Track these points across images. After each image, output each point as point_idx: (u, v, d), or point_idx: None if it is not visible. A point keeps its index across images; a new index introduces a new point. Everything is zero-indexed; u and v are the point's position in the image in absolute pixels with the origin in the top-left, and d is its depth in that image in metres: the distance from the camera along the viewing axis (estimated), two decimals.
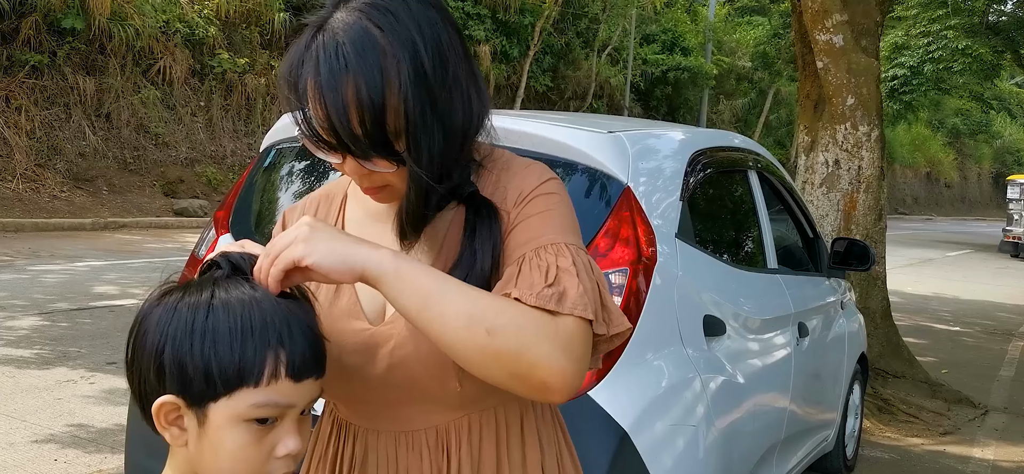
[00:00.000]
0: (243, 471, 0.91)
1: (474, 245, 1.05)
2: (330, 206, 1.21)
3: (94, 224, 11.24)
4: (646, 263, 2.15)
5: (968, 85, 20.68)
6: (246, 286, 0.93)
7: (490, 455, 1.10)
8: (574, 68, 21.59)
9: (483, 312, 0.95)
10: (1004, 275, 15.98)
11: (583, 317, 0.98)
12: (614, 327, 1.03)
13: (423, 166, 1.01)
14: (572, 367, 0.96)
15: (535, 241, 1.03)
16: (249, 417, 0.90)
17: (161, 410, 0.91)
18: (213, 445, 0.90)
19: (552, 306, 0.96)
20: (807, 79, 5.98)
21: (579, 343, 0.97)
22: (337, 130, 0.98)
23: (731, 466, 2.51)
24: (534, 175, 1.09)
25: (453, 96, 1.03)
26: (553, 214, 1.06)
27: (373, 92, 0.97)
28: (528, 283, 0.99)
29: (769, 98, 26.18)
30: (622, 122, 2.75)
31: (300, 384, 0.92)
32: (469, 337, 0.95)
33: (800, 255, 3.73)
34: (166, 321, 0.90)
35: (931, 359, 7.10)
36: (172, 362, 0.89)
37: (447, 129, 1.02)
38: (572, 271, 1.00)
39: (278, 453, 0.92)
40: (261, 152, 2.75)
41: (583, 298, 0.98)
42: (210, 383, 0.88)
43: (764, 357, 2.86)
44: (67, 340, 5.42)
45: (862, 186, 5.62)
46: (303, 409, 0.96)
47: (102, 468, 3.55)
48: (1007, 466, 4.64)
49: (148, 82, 13.33)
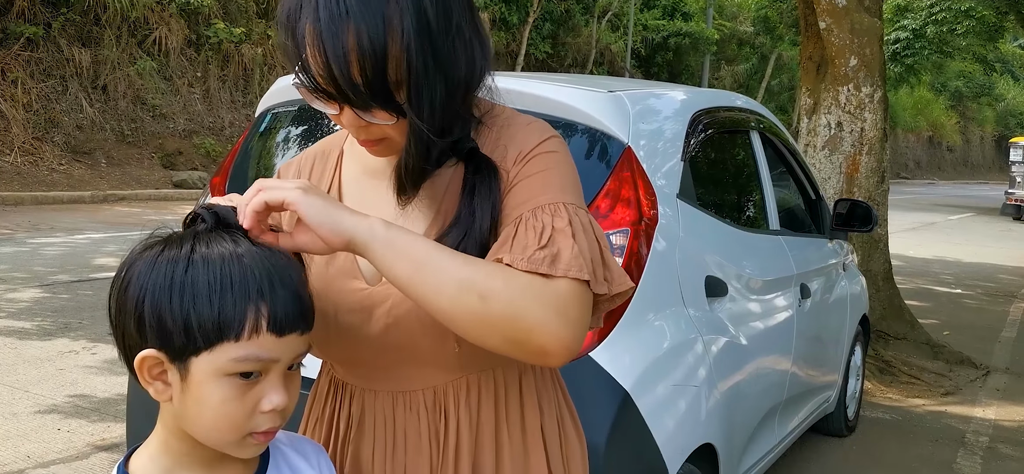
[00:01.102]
0: (227, 426, 0.90)
1: (473, 204, 1.03)
2: (326, 163, 1.18)
3: (93, 197, 11.22)
4: (647, 223, 2.13)
5: (971, 47, 20.48)
6: (227, 241, 0.91)
7: (488, 417, 1.08)
8: (574, 35, 21.42)
9: (474, 279, 0.93)
10: (1006, 238, 15.96)
11: (578, 278, 0.96)
12: (615, 286, 1.01)
13: (424, 118, 0.98)
14: (568, 330, 0.94)
15: (532, 201, 1.01)
16: (231, 371, 0.88)
17: (144, 364, 0.90)
18: (196, 399, 0.89)
19: (545, 269, 0.95)
20: (809, 40, 5.92)
21: (575, 305, 0.95)
22: (336, 79, 0.95)
23: (733, 427, 2.51)
24: (535, 133, 1.07)
25: (456, 46, 0.99)
26: (552, 173, 1.03)
27: (375, 40, 0.93)
28: (522, 246, 0.97)
29: (771, 63, 26.00)
30: (623, 82, 2.72)
31: (283, 338, 0.90)
32: (462, 304, 0.93)
33: (802, 216, 3.71)
34: (146, 275, 0.89)
35: (933, 321, 7.10)
36: (152, 316, 0.88)
37: (449, 80, 0.99)
38: (567, 231, 0.97)
39: (263, 408, 0.91)
40: (256, 117, 2.72)
41: (578, 259, 0.96)
42: (190, 337, 0.87)
43: (766, 318, 2.85)
44: (68, 312, 5.43)
45: (865, 148, 5.58)
46: (290, 364, 0.94)
47: (105, 437, 3.56)
48: (1009, 425, 4.65)
49: (144, 53, 13.24)
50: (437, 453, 1.08)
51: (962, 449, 4.20)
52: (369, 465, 1.12)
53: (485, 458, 1.08)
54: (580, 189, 1.06)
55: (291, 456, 1.03)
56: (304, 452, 1.05)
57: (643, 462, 2.04)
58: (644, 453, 2.04)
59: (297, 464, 1.03)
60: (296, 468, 1.02)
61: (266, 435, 0.93)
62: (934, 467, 3.94)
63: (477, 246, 1.01)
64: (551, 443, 1.13)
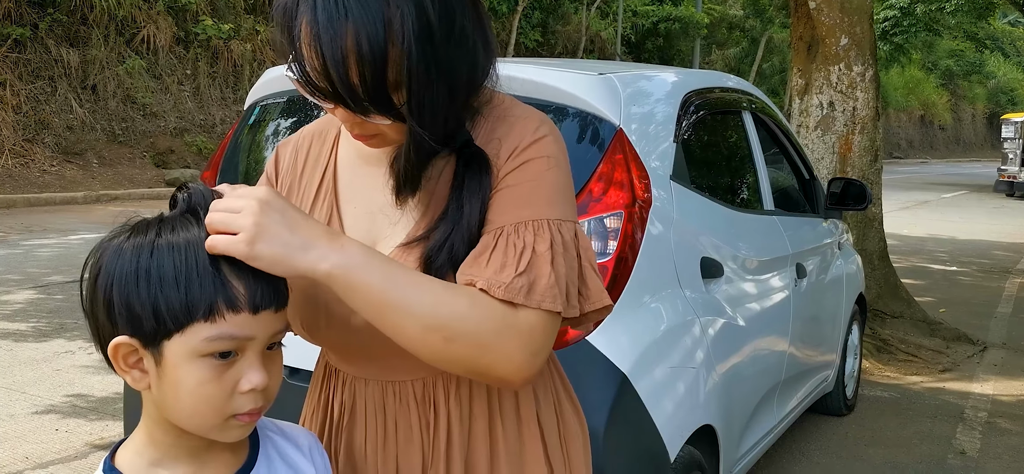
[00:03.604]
0: (207, 409, 0.89)
1: (461, 199, 1.00)
2: (323, 143, 1.16)
3: (86, 197, 11.17)
4: (641, 206, 2.12)
5: (961, 25, 20.52)
6: (194, 225, 0.90)
7: (481, 409, 1.07)
8: (564, 22, 21.36)
9: (440, 319, 0.92)
10: (1000, 214, 16.01)
11: (548, 310, 0.95)
12: (590, 305, 1.00)
13: (425, 125, 0.95)
14: (529, 361, 0.95)
15: (517, 214, 0.98)
16: (206, 351, 0.87)
17: (117, 352, 0.89)
18: (173, 384, 0.88)
19: (520, 300, 0.94)
20: (800, 21, 5.90)
21: (540, 335, 0.96)
22: (333, 82, 0.92)
23: (732, 408, 2.51)
24: (530, 128, 1.03)
25: (459, 50, 0.96)
26: (542, 183, 1.00)
27: (374, 44, 0.91)
28: (498, 266, 0.95)
29: (761, 46, 25.97)
30: (613, 65, 2.70)
31: (257, 316, 0.89)
32: (425, 345, 0.94)
33: (796, 196, 3.70)
34: (113, 263, 0.89)
35: (929, 299, 7.12)
36: (120, 303, 0.88)
37: (451, 86, 0.96)
38: (547, 256, 0.96)
39: (242, 388, 0.89)
40: (245, 110, 2.70)
41: (553, 289, 0.95)
42: (160, 320, 0.87)
43: (763, 299, 2.84)
44: (63, 312, 5.40)
45: (857, 127, 5.57)
46: (270, 344, 0.93)
47: (103, 436, 3.55)
48: (1006, 400, 4.67)
49: (132, 52, 13.16)
50: (429, 444, 1.07)
51: (961, 424, 4.22)
52: (362, 453, 1.11)
53: (479, 450, 1.07)
54: (571, 193, 1.04)
55: (282, 445, 1.02)
56: (296, 441, 1.04)
57: (642, 445, 2.04)
58: (643, 436, 2.04)
59: (288, 453, 1.02)
60: (287, 457, 1.01)
61: (250, 416, 0.91)
62: (934, 443, 3.95)
63: (464, 242, 0.99)
64: (548, 432, 1.11)
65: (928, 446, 3.91)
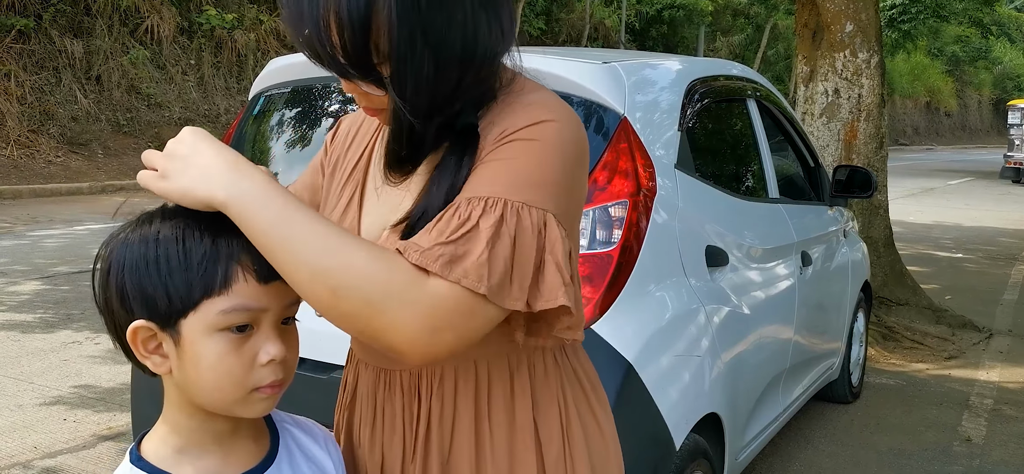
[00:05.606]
0: (228, 383, 0.90)
1: (433, 183, 0.96)
2: (371, 126, 1.14)
3: (91, 188, 11.20)
4: (646, 194, 2.11)
5: (967, 10, 20.36)
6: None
7: (467, 408, 1.02)
8: (567, 11, 21.30)
9: (328, 268, 0.85)
10: (1006, 201, 15.95)
11: (469, 288, 0.85)
12: (539, 304, 0.89)
13: (406, 97, 0.91)
14: (428, 337, 0.85)
15: (474, 190, 0.91)
16: (222, 325, 0.88)
17: (136, 336, 0.90)
18: (193, 361, 0.89)
19: (434, 268, 0.85)
20: (805, 8, 5.87)
21: (447, 312, 0.85)
22: (314, 45, 0.91)
23: (737, 396, 2.51)
24: (527, 114, 0.95)
25: (452, 21, 0.90)
26: (519, 162, 0.91)
27: (355, 7, 0.87)
28: (429, 234, 0.88)
29: (766, 33, 25.86)
30: (617, 54, 2.70)
31: (268, 286, 0.90)
32: (313, 293, 0.86)
33: (801, 184, 3.70)
34: (122, 254, 0.90)
35: (934, 286, 7.11)
36: (133, 288, 0.89)
37: (441, 61, 0.90)
38: (487, 233, 0.86)
39: (261, 360, 0.91)
40: (250, 100, 2.69)
41: (480, 269, 0.85)
42: (173, 299, 0.88)
43: (768, 287, 2.84)
44: (70, 303, 5.43)
45: (862, 114, 5.55)
46: (284, 318, 0.94)
47: (111, 426, 3.57)
48: (1012, 387, 4.66)
49: (136, 42, 13.17)
50: (410, 437, 1.05)
51: (967, 412, 4.21)
52: (358, 435, 1.12)
53: (461, 452, 1.02)
54: (560, 184, 0.93)
55: (299, 436, 1.04)
56: (313, 434, 1.06)
57: (648, 433, 2.04)
58: (649, 424, 2.04)
59: (306, 444, 1.04)
60: (305, 448, 1.03)
61: (272, 388, 0.92)
62: (939, 430, 3.95)
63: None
64: (549, 443, 1.03)
65: (934, 433, 3.91)
